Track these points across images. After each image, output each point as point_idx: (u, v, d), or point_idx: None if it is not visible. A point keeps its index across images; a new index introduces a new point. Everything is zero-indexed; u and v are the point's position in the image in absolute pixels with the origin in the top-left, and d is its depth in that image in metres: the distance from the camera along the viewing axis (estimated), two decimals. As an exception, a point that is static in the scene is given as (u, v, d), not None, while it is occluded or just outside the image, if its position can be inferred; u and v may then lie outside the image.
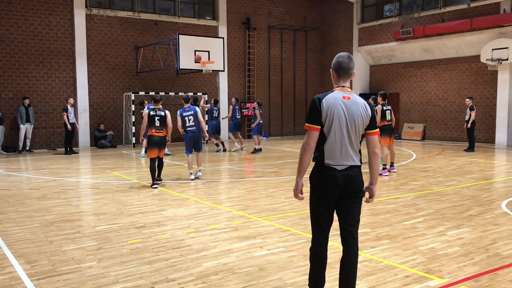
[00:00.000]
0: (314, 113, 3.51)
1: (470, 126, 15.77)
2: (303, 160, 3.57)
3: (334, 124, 3.49)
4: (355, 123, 3.52)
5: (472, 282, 4.31)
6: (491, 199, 8.11)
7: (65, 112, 15.60)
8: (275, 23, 22.93)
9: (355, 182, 3.56)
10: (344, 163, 3.53)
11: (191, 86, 20.72)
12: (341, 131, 3.51)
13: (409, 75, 21.47)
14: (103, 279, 4.42)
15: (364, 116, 3.56)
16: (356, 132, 3.55)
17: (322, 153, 3.55)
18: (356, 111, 3.53)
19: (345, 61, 3.60)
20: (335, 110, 3.49)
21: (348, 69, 3.60)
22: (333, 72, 3.66)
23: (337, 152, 3.52)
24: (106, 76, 18.81)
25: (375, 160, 3.64)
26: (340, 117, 3.49)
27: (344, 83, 3.62)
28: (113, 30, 18.81)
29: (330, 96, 3.55)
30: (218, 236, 5.86)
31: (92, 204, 7.99)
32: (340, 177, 3.51)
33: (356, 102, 3.56)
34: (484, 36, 17.77)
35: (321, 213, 3.63)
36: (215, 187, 9.63)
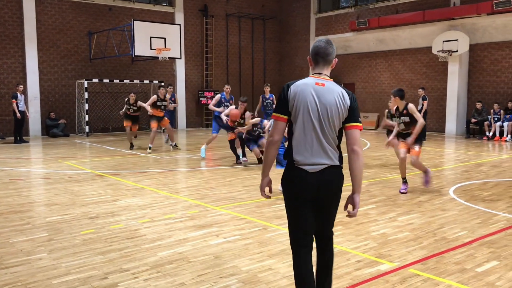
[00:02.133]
0: (281, 101, 3.12)
1: (422, 115, 16.24)
2: (267, 155, 3.16)
3: (302, 113, 3.06)
4: (328, 113, 3.04)
5: (420, 265, 4.48)
6: (440, 186, 8.43)
7: (14, 99, 14.97)
8: (233, 11, 22.78)
9: (330, 186, 3.10)
10: (316, 162, 3.05)
11: (146, 73, 20.34)
12: (311, 122, 3.05)
13: (364, 65, 21.90)
14: (53, 270, 4.31)
15: (340, 106, 3.05)
16: (330, 124, 3.05)
17: (290, 148, 3.13)
18: (330, 100, 3.05)
19: (323, 45, 3.17)
20: (304, 97, 3.05)
21: (326, 55, 3.16)
22: (310, 59, 3.26)
23: (306, 147, 3.06)
24: (58, 63, 18.17)
25: (354, 160, 3.05)
26: (310, 105, 3.04)
27: (322, 69, 3.18)
28: (65, 15, 18.16)
29: (300, 82, 3.13)
30: (174, 225, 5.82)
31: (43, 195, 7.75)
32: (311, 180, 3.05)
33: (331, 89, 3.09)
34: (436, 28, 18.33)
35: (297, 222, 3.18)
36: (171, 176, 9.54)
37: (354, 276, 4.20)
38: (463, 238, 5.32)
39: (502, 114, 16.41)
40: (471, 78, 18.32)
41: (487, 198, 7.36)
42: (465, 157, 12.27)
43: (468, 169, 10.22)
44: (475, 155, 12.55)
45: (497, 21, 16.77)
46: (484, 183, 8.61)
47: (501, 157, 12.21)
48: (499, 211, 6.55)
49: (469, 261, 4.59)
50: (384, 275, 4.22)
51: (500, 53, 17.39)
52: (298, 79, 3.22)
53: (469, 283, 4.04)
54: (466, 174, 9.60)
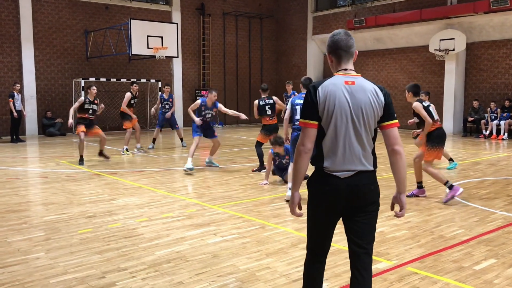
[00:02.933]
0: (309, 105, 2.80)
1: None
2: (299, 166, 2.82)
3: (335, 117, 2.77)
4: (363, 114, 2.78)
5: (418, 263, 4.48)
6: (437, 184, 8.43)
7: (11, 98, 14.90)
8: (230, 10, 22.75)
9: (364, 193, 2.83)
10: (348, 168, 2.80)
11: (144, 72, 20.30)
12: (344, 126, 2.78)
13: (361, 64, 21.90)
14: (51, 270, 4.29)
15: (375, 105, 2.81)
16: (365, 126, 2.81)
17: (320, 154, 2.85)
18: (364, 99, 2.79)
19: (343, 38, 2.88)
20: (336, 99, 2.76)
21: (349, 48, 2.89)
22: (330, 55, 2.94)
23: (338, 153, 2.79)
24: (54, 62, 18.12)
25: (397, 160, 2.84)
26: (343, 107, 2.76)
27: (346, 65, 2.89)
28: (62, 14, 18.10)
29: (328, 82, 2.82)
30: (172, 224, 5.81)
31: (40, 194, 7.72)
32: (343, 187, 2.79)
33: (363, 87, 2.82)
34: (433, 26, 18.35)
35: (319, 230, 2.95)
36: (169, 175, 9.52)
37: (352, 275, 4.19)
38: (460, 236, 5.33)
39: (499, 112, 16.45)
40: (468, 77, 18.36)
41: (484, 197, 7.37)
42: (462, 155, 12.29)
43: (465, 168, 10.23)
44: (472, 154, 12.58)
45: (494, 20, 16.80)
46: (481, 182, 8.62)
47: (498, 156, 12.24)
48: (496, 209, 6.56)
49: (466, 259, 4.59)
50: (382, 274, 4.22)
51: (497, 51, 17.42)
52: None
53: (467, 281, 4.04)
54: (463, 173, 9.62)
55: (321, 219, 2.92)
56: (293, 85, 14.90)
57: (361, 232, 2.88)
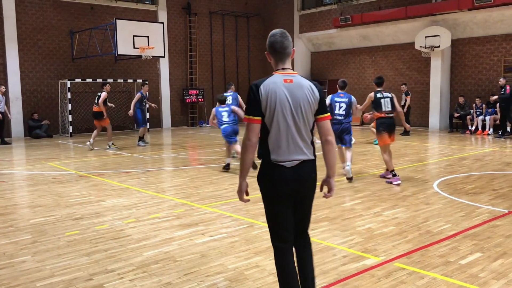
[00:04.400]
0: (252, 102, 3.05)
1: (406, 111, 16.45)
2: (245, 158, 3.08)
3: (276, 113, 3.04)
4: (302, 109, 3.07)
5: (405, 259, 4.52)
6: (424, 180, 8.52)
7: None
8: (216, 9, 22.70)
9: (308, 180, 3.16)
10: (293, 158, 3.09)
11: (130, 72, 20.18)
12: (286, 121, 3.06)
13: (348, 61, 22.01)
14: (37, 273, 4.25)
15: (311, 100, 3.10)
16: (304, 119, 3.09)
17: (266, 148, 3.11)
18: (302, 95, 3.07)
19: (279, 39, 3.15)
20: (277, 96, 3.04)
21: (284, 48, 3.15)
22: (269, 55, 3.22)
23: (283, 146, 3.08)
24: (40, 63, 17.93)
25: (329, 150, 3.18)
26: (283, 104, 3.04)
27: (284, 64, 3.17)
28: (46, 14, 17.91)
29: (269, 81, 3.09)
30: (160, 225, 5.79)
31: (26, 197, 7.65)
32: (290, 175, 3.08)
33: (301, 84, 3.10)
34: (418, 24, 18.49)
35: (278, 218, 3.20)
36: (157, 176, 9.48)
37: (340, 271, 4.22)
38: (447, 231, 5.39)
39: (484, 108, 16.63)
40: (453, 73, 18.54)
41: (470, 191, 7.46)
42: (449, 151, 12.41)
43: (451, 163, 10.34)
44: (458, 149, 12.71)
45: (478, 17, 16.98)
46: (467, 177, 8.72)
47: (483, 151, 12.38)
48: (482, 203, 6.64)
49: (453, 253, 4.64)
50: (370, 270, 4.25)
51: (481, 47, 17.61)
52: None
53: (453, 275, 4.09)
54: (449, 168, 9.71)
55: (279, 206, 3.17)
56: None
57: (304, 214, 3.28)
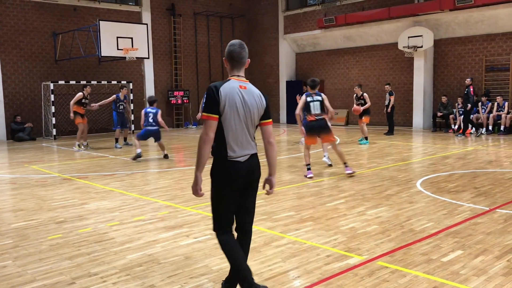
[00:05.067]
0: (212, 102, 3.39)
1: (390, 110, 16.61)
2: (203, 153, 3.40)
3: (233, 113, 3.43)
4: (251, 113, 3.51)
5: (388, 257, 4.56)
6: (408, 179, 8.60)
7: None
8: (201, 10, 22.66)
9: (256, 170, 3.61)
10: (245, 153, 3.52)
11: (114, 74, 20.03)
12: (240, 121, 3.46)
13: (332, 62, 22.13)
14: (18, 278, 4.20)
15: (259, 106, 3.56)
16: (251, 122, 3.54)
17: (223, 145, 3.46)
18: (252, 101, 3.52)
19: (237, 50, 3.55)
20: (234, 99, 3.43)
21: (240, 58, 3.56)
22: (226, 61, 3.60)
23: (238, 143, 3.47)
24: (22, 65, 17.71)
25: (271, 150, 3.62)
26: (238, 106, 3.45)
27: (239, 72, 3.59)
28: (28, 16, 17.70)
29: (227, 84, 3.47)
30: (144, 227, 5.76)
31: (8, 200, 7.54)
32: (243, 168, 3.50)
33: (252, 92, 3.57)
34: (401, 24, 18.68)
35: (226, 209, 3.58)
36: (141, 178, 9.43)
37: (323, 271, 4.24)
38: (429, 229, 5.45)
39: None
40: (436, 73, 18.76)
41: (453, 190, 7.55)
42: (432, 150, 12.55)
43: (434, 162, 10.46)
44: (441, 148, 12.86)
45: (459, 17, 17.21)
46: (449, 175, 8.82)
47: (466, 149, 12.54)
48: (464, 201, 6.73)
49: (435, 251, 4.70)
50: (353, 269, 4.28)
51: (463, 47, 17.85)
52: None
53: (435, 273, 4.14)
54: (432, 167, 9.83)
55: (228, 198, 3.55)
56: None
57: (251, 204, 3.68)
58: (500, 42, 16.93)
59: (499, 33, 16.86)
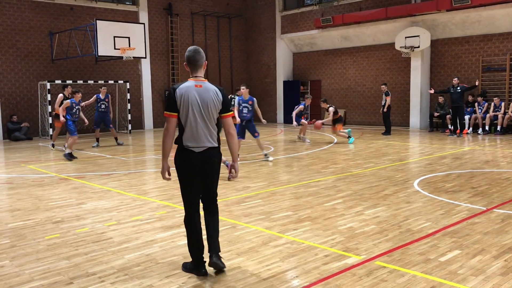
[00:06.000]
0: (171, 101, 3.99)
1: (386, 110, 16.64)
2: (165, 145, 4.05)
3: (188, 110, 3.97)
4: (208, 107, 4.01)
5: (386, 257, 4.57)
6: (405, 179, 8.62)
7: None
8: (198, 9, 22.64)
9: (211, 161, 4.11)
10: (201, 145, 4.03)
11: (111, 73, 19.99)
12: (195, 116, 3.98)
13: (330, 62, 22.14)
14: (16, 278, 4.19)
15: (216, 101, 4.04)
16: (209, 116, 4.03)
17: (181, 137, 4.06)
18: (208, 97, 4.01)
19: (192, 55, 4.07)
20: (189, 97, 3.96)
21: (196, 61, 4.07)
22: (186, 65, 4.14)
23: (194, 135, 4.01)
24: (18, 64, 17.65)
25: (231, 140, 4.16)
26: (193, 103, 3.97)
27: (197, 73, 4.10)
28: (24, 15, 17.64)
29: (183, 85, 4.02)
30: (141, 227, 5.75)
31: (4, 200, 7.51)
32: (198, 157, 4.04)
33: (208, 89, 4.04)
34: (398, 24, 18.71)
35: (189, 189, 4.16)
36: (139, 178, 9.41)
37: (322, 271, 4.24)
38: (427, 229, 5.46)
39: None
40: (433, 73, 18.79)
41: (450, 190, 7.57)
42: (429, 150, 12.58)
43: (431, 162, 10.48)
44: (438, 148, 12.89)
45: (456, 17, 17.25)
46: (447, 175, 8.84)
47: (462, 149, 12.57)
48: (461, 201, 6.75)
49: (432, 251, 4.71)
50: (351, 269, 4.28)
51: (460, 48, 17.89)
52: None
53: (433, 273, 4.14)
54: (429, 167, 9.84)
55: (188, 180, 4.13)
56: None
57: (210, 185, 4.23)
58: (497, 43, 16.97)
59: (496, 33, 16.91)
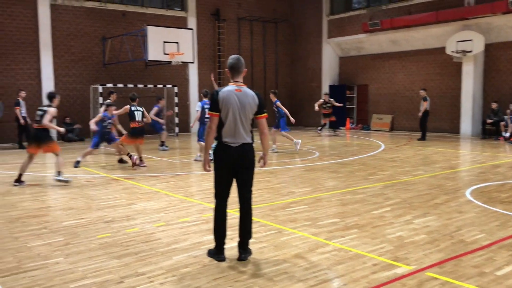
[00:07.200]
0: (213, 103, 4.56)
1: (422, 116, 16.46)
2: (207, 140, 4.64)
3: (228, 111, 4.53)
4: (245, 110, 4.56)
5: (437, 268, 4.42)
6: (456, 187, 8.33)
7: (17, 106, 14.95)
8: (245, 15, 22.82)
9: (246, 156, 4.62)
10: (237, 141, 4.57)
11: (160, 78, 20.45)
12: (234, 116, 4.53)
13: (377, 66, 21.76)
14: (70, 274, 4.34)
15: (252, 104, 4.60)
16: (246, 116, 4.59)
17: (220, 134, 4.59)
18: (246, 101, 4.57)
19: (235, 62, 4.65)
20: (229, 100, 4.53)
21: (238, 68, 4.66)
22: (228, 71, 4.69)
23: (232, 133, 4.56)
24: (72, 68, 18.36)
25: (263, 139, 4.75)
26: (233, 105, 4.53)
27: (237, 78, 4.67)
28: (79, 21, 18.35)
29: (225, 89, 4.59)
30: (189, 229, 5.83)
31: (59, 199, 7.82)
32: (234, 152, 4.55)
33: (246, 93, 4.61)
34: (449, 28, 18.15)
35: (222, 180, 4.65)
36: (185, 180, 9.56)
37: (370, 280, 4.15)
38: (481, 241, 5.25)
39: (519, 114, 16.16)
40: (486, 78, 18.10)
41: (505, 200, 7.24)
42: (481, 158, 12.10)
43: (484, 171, 10.07)
44: (491, 156, 12.38)
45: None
46: (501, 185, 8.48)
47: (518, 158, 12.02)
48: (517, 213, 6.45)
49: (488, 264, 4.51)
50: (401, 279, 4.17)
51: (516, 52, 17.15)
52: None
53: (489, 287, 3.97)
54: (482, 176, 9.47)
55: (224, 174, 4.65)
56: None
57: (246, 181, 4.69)
58: (556, 47, 16.15)
59: (555, 37, 16.10)
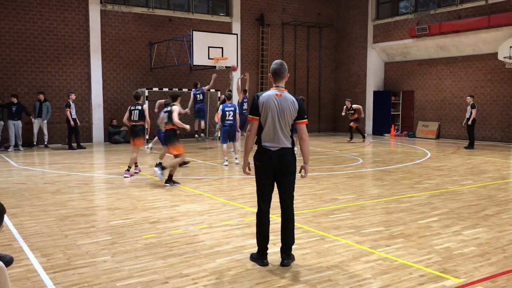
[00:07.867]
0: (254, 107, 4.62)
1: (471, 123, 15.92)
2: (247, 144, 4.70)
3: (268, 115, 4.56)
4: (285, 114, 4.56)
5: (489, 282, 4.24)
6: (508, 199, 7.99)
7: (68, 108, 15.55)
8: (289, 20, 22.83)
9: (286, 160, 4.59)
10: (276, 145, 4.56)
11: (204, 82, 20.68)
12: (274, 121, 4.55)
13: (424, 72, 21.24)
14: (117, 273, 4.45)
15: (292, 109, 4.58)
16: (285, 121, 4.58)
17: (260, 138, 4.63)
18: (286, 106, 4.56)
19: (278, 67, 4.66)
20: (269, 104, 4.56)
21: (280, 73, 4.66)
22: (271, 76, 4.73)
23: (271, 137, 4.57)
24: (120, 72, 18.91)
25: (302, 145, 4.68)
26: (273, 110, 4.55)
27: (278, 83, 4.68)
28: (127, 26, 18.89)
29: (266, 94, 4.64)
30: (231, 232, 5.86)
31: (106, 199, 8.04)
32: (274, 156, 4.56)
33: (286, 98, 4.59)
34: (502, 33, 17.49)
35: (263, 184, 4.66)
36: (228, 183, 9.63)
37: (417, 291, 4.03)
38: (536, 255, 5.00)
39: None
40: (540, 86, 17.32)
41: (561, 213, 6.88)
42: (535, 169, 11.57)
43: (538, 182, 9.62)
44: (546, 167, 11.81)
45: None
46: (557, 197, 8.06)
47: None
48: None
49: (543, 280, 4.30)
50: (450, 292, 4.03)
51: None
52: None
53: (545, 304, 3.78)
54: (536, 187, 9.05)
55: (264, 178, 4.66)
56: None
57: (286, 186, 4.67)
58: None
59: None
